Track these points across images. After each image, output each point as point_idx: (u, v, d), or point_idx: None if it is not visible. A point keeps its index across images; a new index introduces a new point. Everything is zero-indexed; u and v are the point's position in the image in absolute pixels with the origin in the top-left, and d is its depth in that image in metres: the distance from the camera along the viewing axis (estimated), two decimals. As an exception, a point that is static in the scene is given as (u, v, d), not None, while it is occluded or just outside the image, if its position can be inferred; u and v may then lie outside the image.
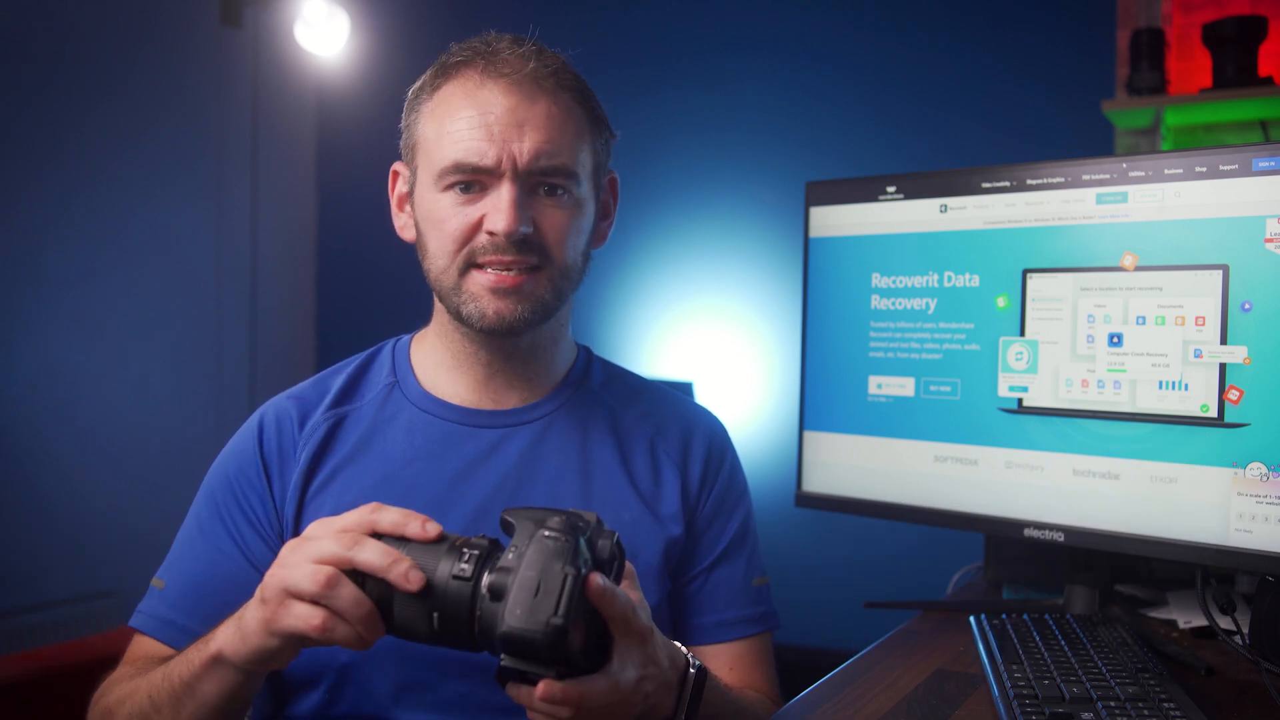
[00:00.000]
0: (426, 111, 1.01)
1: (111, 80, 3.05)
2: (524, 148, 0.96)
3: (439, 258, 1.00)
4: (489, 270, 0.97)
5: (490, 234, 0.96)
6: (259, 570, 0.98)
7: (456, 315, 1.00)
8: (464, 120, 0.97)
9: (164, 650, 0.97)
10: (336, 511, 0.99)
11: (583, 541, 0.73)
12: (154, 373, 3.20)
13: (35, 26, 2.87)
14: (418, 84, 1.04)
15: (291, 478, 1.01)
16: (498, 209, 0.96)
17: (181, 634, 0.97)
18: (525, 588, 0.70)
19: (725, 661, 1.07)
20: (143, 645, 0.99)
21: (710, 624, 1.08)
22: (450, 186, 0.98)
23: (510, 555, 0.72)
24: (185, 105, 3.29)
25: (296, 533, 1.00)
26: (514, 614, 0.69)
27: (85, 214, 2.99)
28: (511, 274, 0.97)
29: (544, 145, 0.97)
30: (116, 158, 3.07)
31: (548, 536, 0.72)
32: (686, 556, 1.08)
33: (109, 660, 1.00)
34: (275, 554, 0.99)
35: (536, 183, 0.98)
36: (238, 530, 1.00)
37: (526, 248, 0.97)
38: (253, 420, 1.06)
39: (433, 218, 0.99)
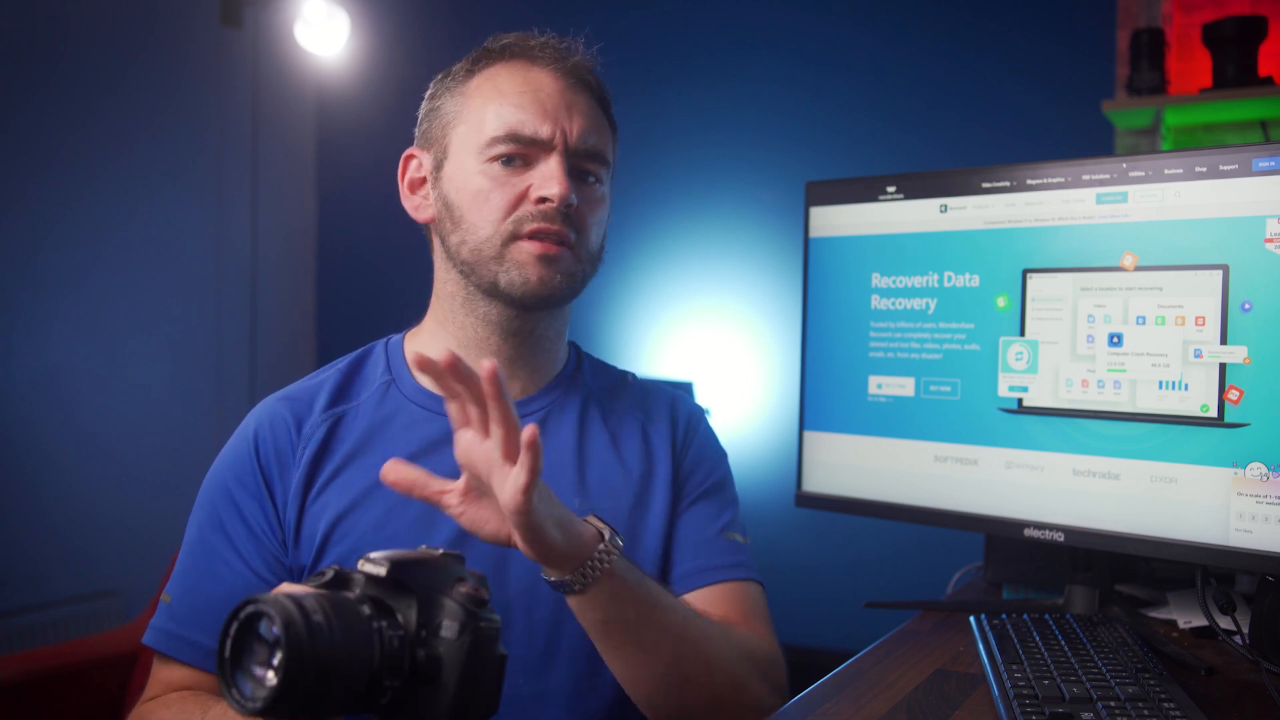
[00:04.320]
0: (466, 91, 1.03)
1: (111, 80, 3.05)
2: (574, 127, 1.00)
3: (481, 227, 1.00)
4: (536, 239, 0.99)
5: (541, 200, 0.98)
6: (263, 580, 0.98)
7: (492, 287, 1.01)
8: (515, 95, 1.00)
9: (182, 670, 0.97)
10: (339, 513, 0.99)
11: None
12: (154, 373, 3.20)
13: (35, 26, 2.87)
14: (451, 69, 1.06)
15: (292, 482, 1.01)
16: (548, 177, 0.98)
17: (192, 649, 0.97)
18: (466, 686, 0.69)
19: (711, 607, 1.05)
20: (164, 668, 0.99)
21: (688, 571, 1.06)
22: (495, 158, 1.00)
23: (444, 633, 0.70)
24: (185, 105, 3.29)
25: (298, 536, 0.99)
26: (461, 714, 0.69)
27: (85, 214, 2.99)
28: (554, 243, 1.00)
29: (589, 129, 1.02)
30: (116, 158, 3.07)
31: (483, 625, 0.70)
32: (673, 503, 1.09)
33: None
34: (280, 562, 0.99)
35: (575, 165, 1.01)
36: (240, 541, 1.00)
37: (569, 221, 1.00)
38: (246, 427, 1.05)
39: (473, 189, 1.01)
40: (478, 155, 1.00)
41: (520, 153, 0.99)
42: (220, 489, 1.02)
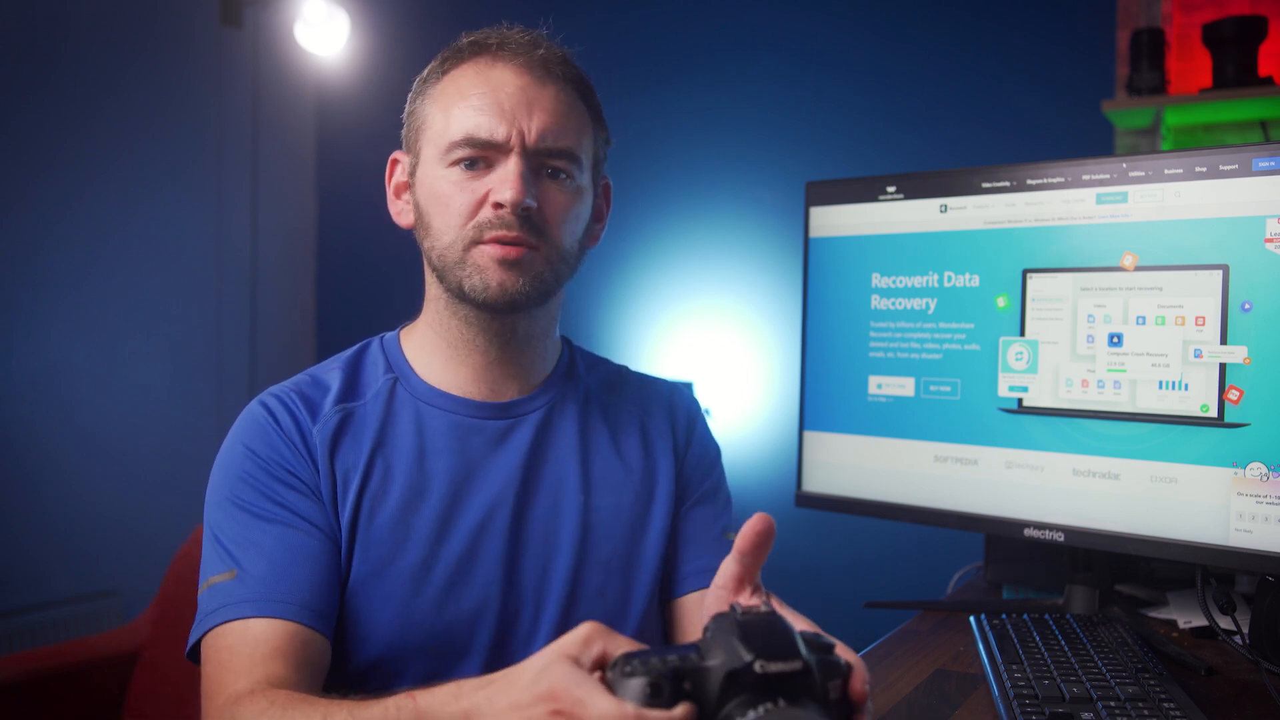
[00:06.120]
0: (434, 95, 1.03)
1: (111, 80, 3.05)
2: (533, 125, 0.98)
3: (444, 233, 1.00)
4: (496, 243, 0.98)
5: (496, 205, 0.97)
6: (325, 534, 0.96)
7: (459, 291, 1.01)
8: (475, 97, 0.99)
9: (271, 630, 0.90)
10: (356, 507, 0.98)
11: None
12: (154, 373, 3.20)
13: (35, 26, 2.87)
14: (424, 71, 1.06)
15: (316, 452, 0.99)
16: (504, 181, 0.97)
17: (284, 605, 0.91)
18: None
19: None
20: (244, 639, 0.89)
21: (692, 570, 1.08)
22: (456, 162, 0.99)
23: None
24: (185, 105, 3.29)
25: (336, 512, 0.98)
26: None
27: (85, 214, 2.99)
28: (515, 247, 0.98)
29: (551, 126, 0.99)
30: (116, 158, 3.07)
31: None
32: (676, 504, 1.10)
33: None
34: (327, 515, 0.97)
35: (540, 164, 1.00)
36: (292, 505, 0.97)
37: (529, 225, 0.98)
38: (254, 409, 1.03)
39: (437, 194, 1.00)
40: (440, 160, 1.00)
41: (480, 155, 0.99)
42: (253, 463, 0.99)
